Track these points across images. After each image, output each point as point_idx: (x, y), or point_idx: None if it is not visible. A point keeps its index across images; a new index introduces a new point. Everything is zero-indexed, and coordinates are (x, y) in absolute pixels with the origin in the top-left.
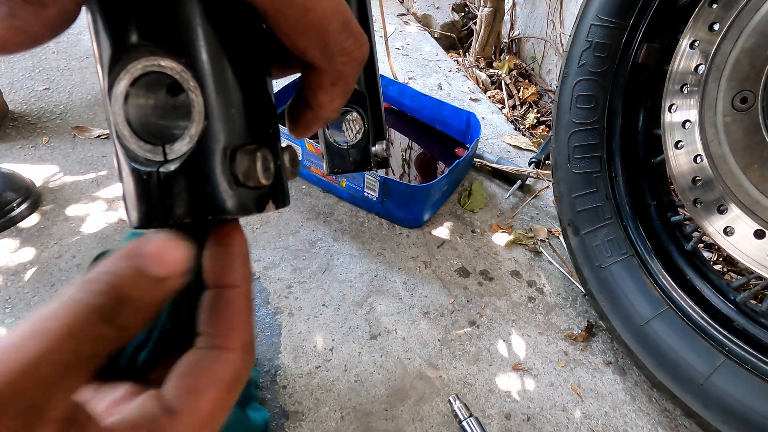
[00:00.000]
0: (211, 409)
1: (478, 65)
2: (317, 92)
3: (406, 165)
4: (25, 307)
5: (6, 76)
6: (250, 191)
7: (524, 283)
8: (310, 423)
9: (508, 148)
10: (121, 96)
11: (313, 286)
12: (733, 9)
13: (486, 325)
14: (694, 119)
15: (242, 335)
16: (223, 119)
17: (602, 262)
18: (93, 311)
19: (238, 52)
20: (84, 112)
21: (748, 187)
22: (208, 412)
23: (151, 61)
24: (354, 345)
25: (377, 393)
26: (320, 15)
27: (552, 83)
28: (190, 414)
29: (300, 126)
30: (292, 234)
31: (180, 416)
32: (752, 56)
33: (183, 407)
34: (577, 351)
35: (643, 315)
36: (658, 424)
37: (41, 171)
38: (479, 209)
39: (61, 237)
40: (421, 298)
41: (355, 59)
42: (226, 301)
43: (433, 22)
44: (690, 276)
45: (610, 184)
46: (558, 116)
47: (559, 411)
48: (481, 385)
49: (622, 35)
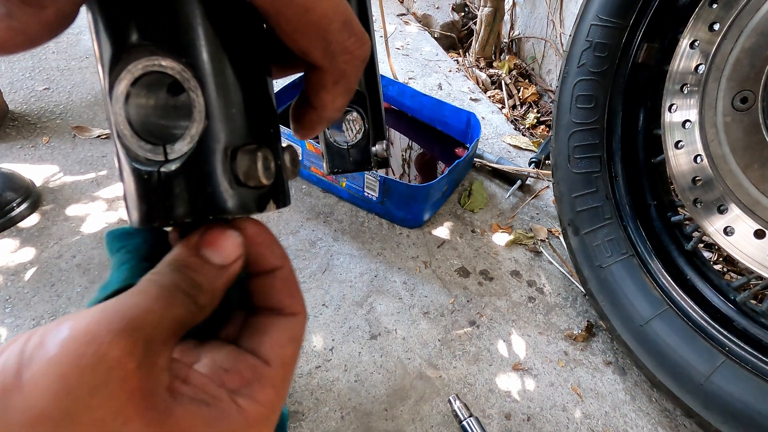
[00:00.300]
0: (293, 359)
1: (478, 65)
2: (320, 92)
3: (406, 165)
4: (25, 307)
5: (6, 76)
6: (250, 191)
7: (524, 283)
8: (310, 423)
9: (508, 148)
10: (122, 96)
11: (313, 286)
12: (733, 9)
13: (486, 325)
14: (694, 119)
15: (302, 301)
16: (223, 119)
17: (602, 262)
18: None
19: (238, 52)
20: (84, 112)
21: (748, 187)
22: (291, 362)
23: (151, 61)
24: (354, 345)
25: (377, 393)
26: (321, 14)
27: (552, 83)
28: (281, 363)
29: (304, 127)
30: (292, 234)
31: (273, 365)
32: (752, 56)
33: (274, 358)
34: (577, 351)
35: (643, 315)
36: (658, 424)
37: (41, 171)
38: (479, 209)
39: (61, 237)
40: (421, 298)
41: (356, 58)
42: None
43: (433, 22)
44: (690, 276)
45: (610, 184)
46: (558, 116)
47: (559, 411)
48: (481, 385)
49: (622, 35)
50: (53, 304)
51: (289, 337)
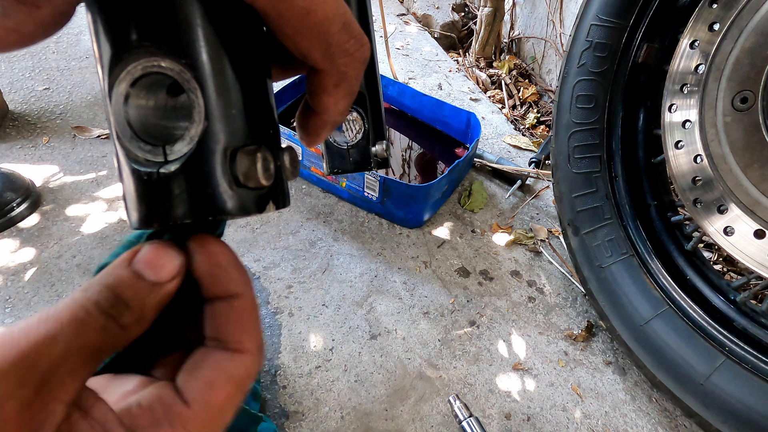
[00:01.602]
0: (224, 403)
1: (478, 65)
2: (321, 96)
3: (406, 165)
4: (25, 307)
5: (6, 76)
6: (250, 192)
7: (524, 283)
8: (310, 423)
9: (508, 148)
10: (122, 97)
11: (313, 286)
12: (733, 9)
13: (486, 325)
14: (694, 119)
15: (255, 339)
16: (223, 120)
17: (602, 262)
18: (94, 305)
19: (238, 53)
20: (84, 112)
21: (748, 187)
22: (221, 406)
23: (151, 62)
24: (354, 345)
25: (377, 393)
26: (321, 17)
27: (552, 83)
28: (204, 405)
29: (310, 133)
30: (292, 234)
31: (194, 406)
32: (752, 56)
33: (197, 398)
34: (577, 351)
35: (643, 315)
36: (658, 424)
37: (41, 171)
38: (479, 209)
39: (61, 237)
40: (421, 298)
41: (356, 60)
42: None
43: (433, 22)
44: (690, 276)
45: (610, 184)
46: (558, 116)
47: (559, 411)
48: (481, 385)
49: (622, 35)
50: (53, 304)
51: (226, 377)
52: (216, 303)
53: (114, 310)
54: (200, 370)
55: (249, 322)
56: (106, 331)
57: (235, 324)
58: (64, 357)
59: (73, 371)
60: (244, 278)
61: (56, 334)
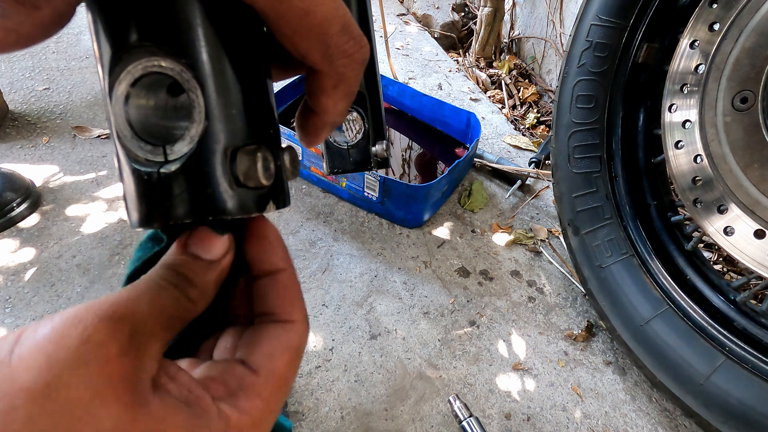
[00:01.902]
0: (286, 370)
1: (478, 65)
2: (321, 96)
3: (406, 165)
4: (25, 307)
5: (6, 76)
6: (250, 191)
7: (524, 283)
8: (310, 423)
9: (508, 148)
10: (122, 96)
11: (313, 286)
12: (733, 9)
13: (486, 325)
14: (694, 119)
15: (301, 310)
16: (223, 120)
17: (602, 262)
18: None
19: (238, 53)
20: (84, 112)
21: (748, 186)
22: (284, 372)
23: (151, 62)
24: (354, 345)
25: (377, 393)
26: (321, 18)
27: (552, 83)
28: (270, 373)
29: (309, 134)
30: (292, 234)
31: (261, 374)
32: (752, 56)
33: (263, 368)
34: (577, 351)
35: (643, 315)
36: (658, 424)
37: (41, 171)
38: (479, 209)
39: (61, 237)
40: (421, 298)
41: (355, 61)
42: (281, 282)
43: (433, 22)
44: (690, 276)
45: (610, 183)
46: (558, 116)
47: (559, 411)
48: (481, 385)
49: (622, 35)
50: (53, 304)
51: (284, 346)
52: (263, 280)
53: (182, 284)
54: (259, 343)
55: (295, 295)
56: (178, 302)
57: (284, 297)
58: (147, 316)
59: (155, 333)
60: (286, 255)
61: (138, 297)
